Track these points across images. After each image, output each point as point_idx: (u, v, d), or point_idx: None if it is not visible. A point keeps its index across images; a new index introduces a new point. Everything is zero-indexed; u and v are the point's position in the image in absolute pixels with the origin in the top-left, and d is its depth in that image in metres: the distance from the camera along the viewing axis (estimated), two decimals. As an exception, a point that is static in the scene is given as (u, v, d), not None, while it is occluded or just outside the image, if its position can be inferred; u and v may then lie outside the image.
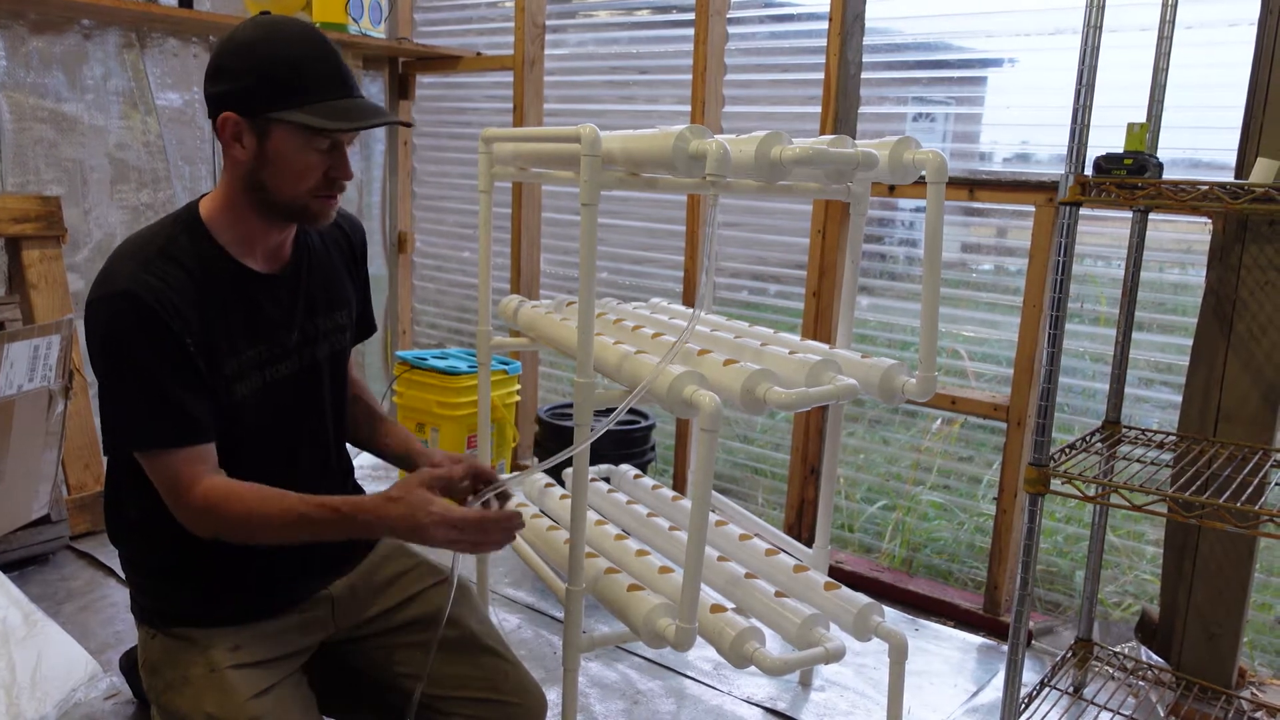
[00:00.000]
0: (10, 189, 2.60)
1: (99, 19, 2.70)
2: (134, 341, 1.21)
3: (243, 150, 1.26)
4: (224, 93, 1.24)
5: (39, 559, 2.42)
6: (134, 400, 1.23)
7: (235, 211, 1.31)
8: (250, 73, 1.23)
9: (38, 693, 1.77)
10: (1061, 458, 1.65)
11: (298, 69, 1.24)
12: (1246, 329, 1.79)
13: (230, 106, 1.24)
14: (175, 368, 1.23)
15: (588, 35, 3.12)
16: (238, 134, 1.25)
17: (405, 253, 3.65)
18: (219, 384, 1.29)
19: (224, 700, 1.25)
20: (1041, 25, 2.21)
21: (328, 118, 1.23)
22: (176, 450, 1.24)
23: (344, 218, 1.54)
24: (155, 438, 1.23)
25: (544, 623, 2.27)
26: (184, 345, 1.23)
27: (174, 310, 1.22)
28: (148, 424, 1.23)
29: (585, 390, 1.50)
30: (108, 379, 1.24)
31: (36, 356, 2.11)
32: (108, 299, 1.22)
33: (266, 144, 1.24)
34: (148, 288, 1.21)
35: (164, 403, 1.23)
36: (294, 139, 1.24)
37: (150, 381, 1.22)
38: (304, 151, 1.25)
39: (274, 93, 1.22)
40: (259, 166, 1.26)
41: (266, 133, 1.24)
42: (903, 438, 2.73)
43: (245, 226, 1.32)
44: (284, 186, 1.27)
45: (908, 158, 1.62)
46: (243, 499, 1.25)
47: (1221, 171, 1.97)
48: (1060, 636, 2.26)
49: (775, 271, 2.77)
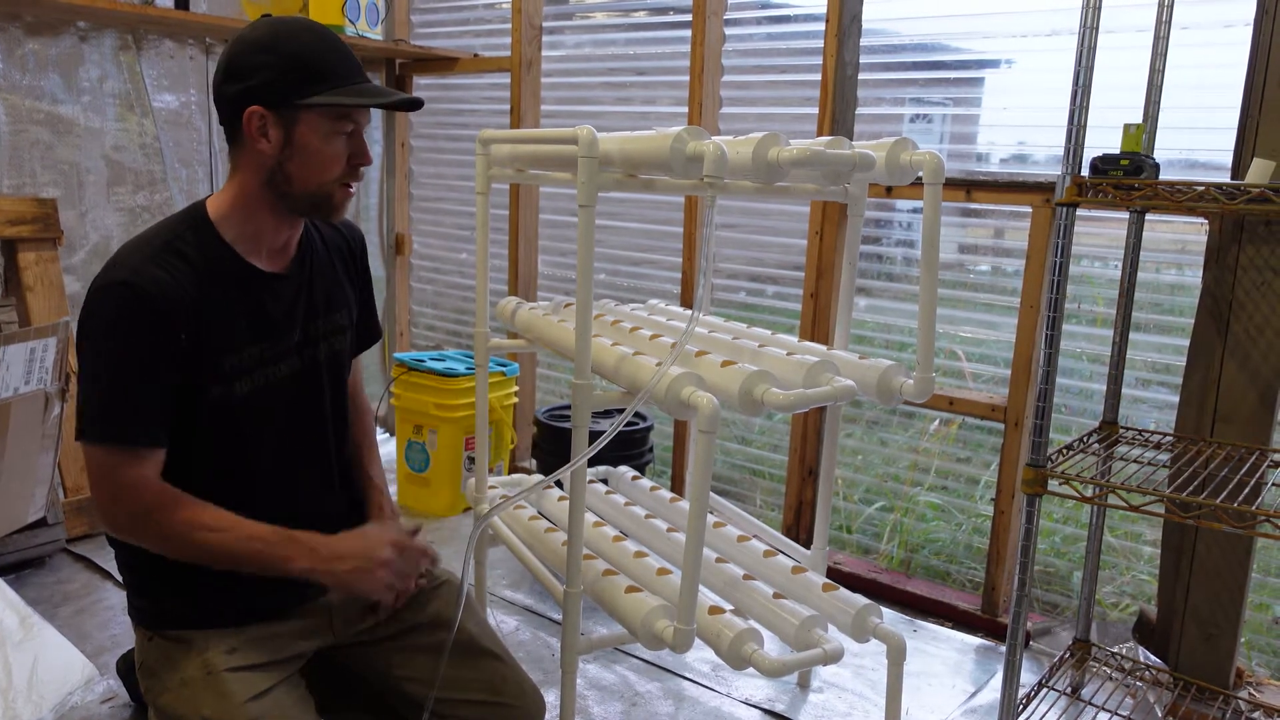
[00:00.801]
0: (6, 191, 2.59)
1: (95, 21, 2.70)
2: (117, 331, 1.23)
3: (268, 144, 1.28)
4: (246, 89, 1.26)
5: (35, 562, 2.41)
6: (93, 389, 1.24)
7: (247, 209, 1.32)
8: (273, 66, 1.26)
9: (34, 696, 1.77)
10: (1059, 458, 1.65)
11: (319, 57, 1.27)
12: (1243, 330, 1.80)
13: (255, 101, 1.26)
14: (151, 365, 1.24)
15: (585, 37, 3.12)
16: (263, 128, 1.27)
17: (403, 255, 3.65)
18: (217, 380, 1.29)
19: (221, 703, 1.25)
20: (1038, 26, 2.21)
21: (356, 98, 1.28)
22: (117, 447, 1.24)
23: (343, 224, 1.55)
24: (102, 431, 1.24)
25: (542, 625, 2.27)
26: (175, 339, 1.24)
27: (172, 302, 1.23)
28: (99, 415, 1.24)
29: (583, 392, 1.50)
30: (83, 365, 1.26)
31: (33, 359, 2.10)
32: (108, 286, 1.24)
33: (294, 134, 1.27)
34: (148, 278, 1.23)
35: (123, 399, 1.23)
36: (321, 126, 1.28)
37: (116, 375, 1.23)
38: (331, 138, 1.29)
39: (301, 81, 1.26)
40: (286, 158, 1.28)
41: (294, 122, 1.27)
42: (900, 439, 2.73)
43: (255, 224, 1.33)
44: (311, 176, 1.30)
45: (905, 159, 1.62)
46: (189, 508, 1.27)
47: (1218, 172, 1.98)
48: (1058, 637, 2.26)
49: (773, 273, 2.77)
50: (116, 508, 1.27)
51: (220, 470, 1.34)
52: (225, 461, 1.34)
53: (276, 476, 1.39)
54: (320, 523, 1.45)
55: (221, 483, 1.35)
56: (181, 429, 1.30)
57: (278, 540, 1.27)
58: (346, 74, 1.30)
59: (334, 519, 1.49)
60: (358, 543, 1.30)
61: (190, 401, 1.29)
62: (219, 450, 1.33)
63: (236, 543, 1.26)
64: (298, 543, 1.28)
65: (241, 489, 1.36)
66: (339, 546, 1.29)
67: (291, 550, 1.27)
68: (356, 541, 1.30)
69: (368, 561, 1.27)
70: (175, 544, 1.27)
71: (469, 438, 2.86)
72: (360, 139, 1.34)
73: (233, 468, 1.35)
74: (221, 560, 1.27)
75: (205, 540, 1.26)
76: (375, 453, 1.62)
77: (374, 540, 1.30)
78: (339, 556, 1.28)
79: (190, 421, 1.30)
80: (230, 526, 1.27)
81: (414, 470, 2.95)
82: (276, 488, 1.40)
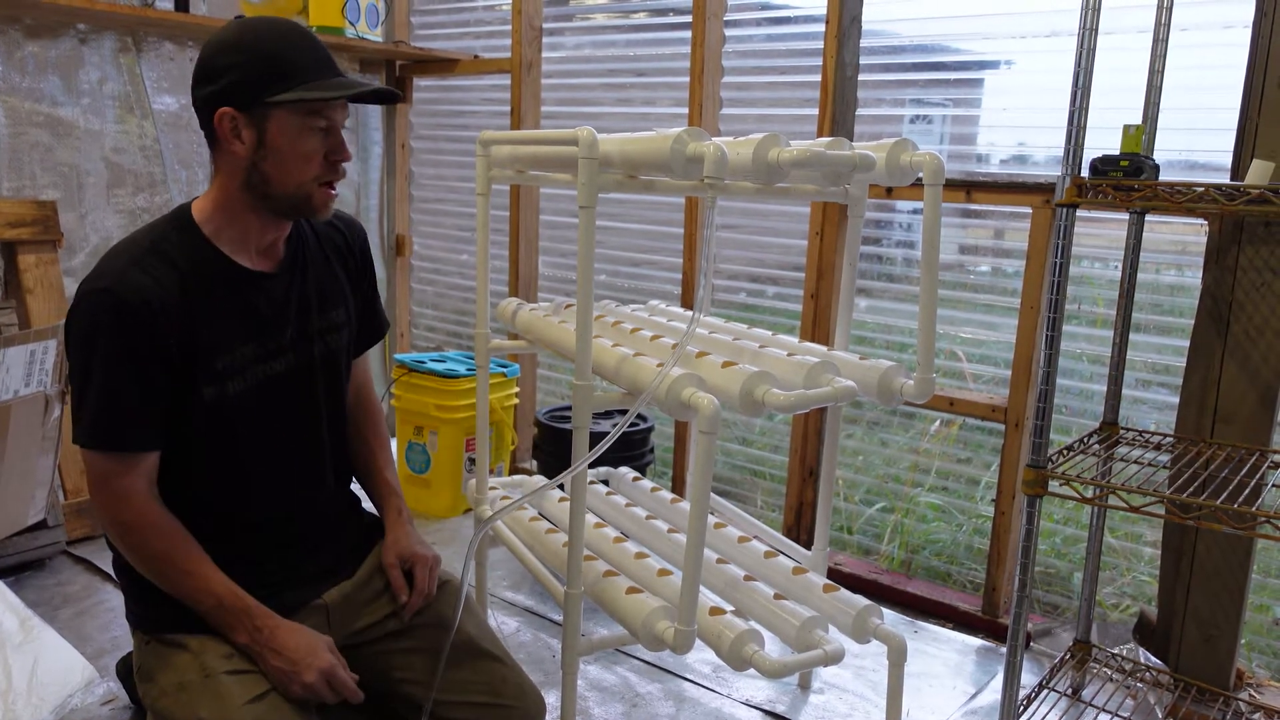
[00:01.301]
0: (6, 193, 2.60)
1: (94, 23, 2.70)
2: (104, 338, 1.24)
3: (241, 145, 1.27)
4: (216, 91, 1.26)
5: (35, 564, 2.41)
6: (84, 394, 1.26)
7: (230, 210, 1.32)
8: (240, 66, 1.25)
9: (34, 699, 1.76)
10: (1059, 459, 1.65)
11: (286, 54, 1.26)
12: (1243, 330, 1.80)
13: (225, 102, 1.26)
14: (139, 370, 1.25)
15: (585, 38, 3.12)
16: (235, 129, 1.27)
17: (403, 256, 3.65)
18: (209, 380, 1.29)
19: (218, 706, 1.25)
20: (1038, 27, 2.21)
21: (323, 92, 1.27)
22: (105, 453, 1.27)
23: (341, 219, 1.55)
24: (93, 437, 1.26)
25: (543, 626, 2.27)
26: (161, 342, 1.25)
27: (157, 307, 1.24)
28: (90, 421, 1.26)
29: (584, 393, 1.50)
30: (73, 372, 1.27)
31: (33, 361, 2.10)
32: (90, 293, 1.25)
33: (266, 133, 1.27)
34: (132, 284, 1.23)
35: (111, 404, 1.25)
36: (292, 123, 1.27)
37: (106, 380, 1.25)
38: (303, 135, 1.28)
39: (267, 79, 1.25)
40: (260, 159, 1.28)
41: (265, 121, 1.26)
42: (901, 439, 2.73)
43: (240, 225, 1.33)
44: (287, 176, 1.29)
45: (905, 160, 1.62)
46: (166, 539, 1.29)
47: (1217, 173, 1.98)
48: (1058, 638, 2.26)
49: (773, 273, 2.77)
50: (104, 514, 1.30)
51: (215, 468, 1.35)
52: (220, 460, 1.35)
53: (271, 474, 1.40)
54: (314, 521, 1.45)
55: (216, 481, 1.35)
56: (176, 430, 1.30)
57: (229, 608, 1.29)
58: (316, 69, 1.28)
59: (330, 518, 1.49)
60: (299, 648, 1.28)
61: (184, 402, 1.29)
62: (213, 449, 1.34)
63: (194, 591, 1.29)
64: (247, 616, 1.29)
65: (236, 487, 1.37)
66: (281, 639, 1.29)
67: (236, 622, 1.29)
68: (300, 645, 1.29)
69: (295, 669, 1.27)
70: (143, 566, 1.31)
71: (470, 439, 2.85)
72: (337, 135, 1.32)
73: (227, 466, 1.35)
74: (176, 595, 1.30)
75: (168, 575, 1.30)
76: (389, 454, 1.62)
77: (314, 654, 1.29)
78: (274, 650, 1.28)
79: (184, 422, 1.30)
80: (196, 573, 1.29)
81: (415, 471, 2.95)
82: (271, 486, 1.40)
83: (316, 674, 1.27)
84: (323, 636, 1.33)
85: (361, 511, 1.58)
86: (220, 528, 1.35)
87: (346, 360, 1.53)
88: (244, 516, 1.38)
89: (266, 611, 1.31)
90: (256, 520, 1.39)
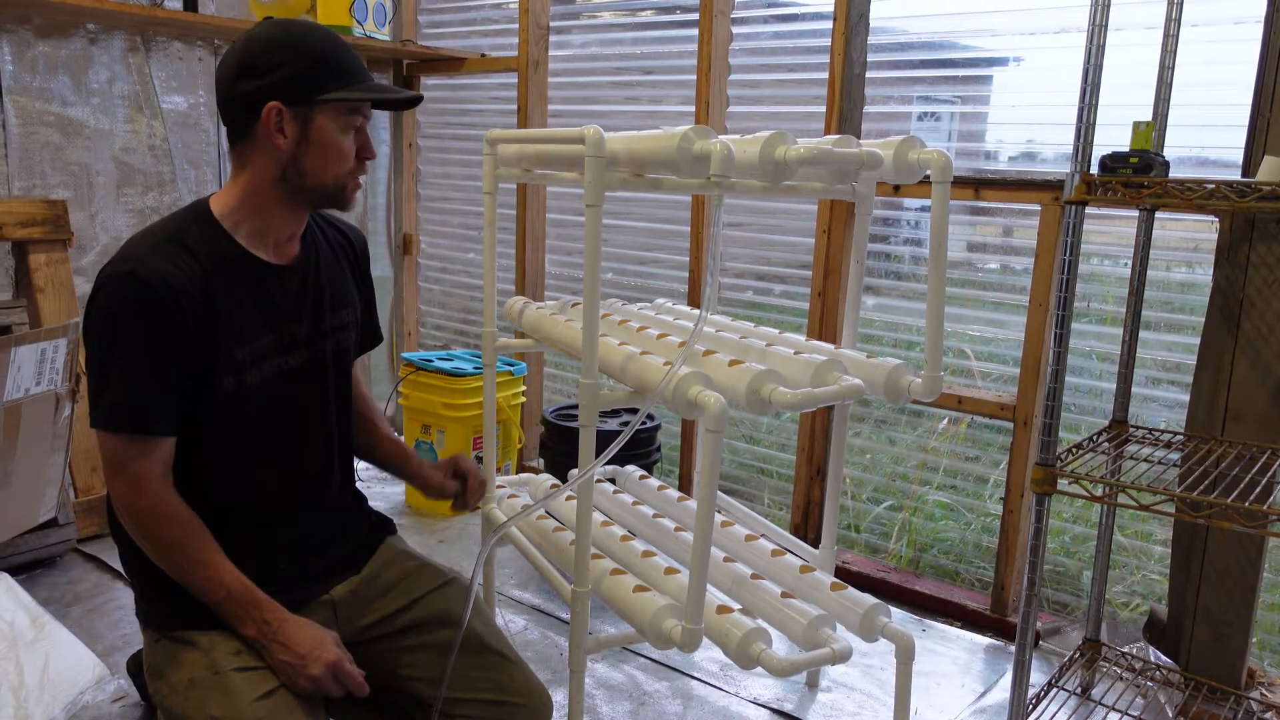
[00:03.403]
0: (17, 193, 2.61)
1: (104, 23, 2.71)
2: (125, 321, 1.24)
3: (284, 139, 1.30)
4: (265, 85, 1.29)
5: (46, 562, 2.42)
6: (104, 378, 1.26)
7: (255, 204, 1.34)
8: (291, 63, 1.29)
9: (45, 696, 1.78)
10: (1069, 457, 1.64)
11: (333, 55, 1.32)
12: (1254, 328, 1.79)
13: (274, 96, 1.29)
14: (160, 354, 1.26)
15: (592, 36, 3.12)
16: (280, 123, 1.30)
17: (410, 255, 3.66)
18: (229, 370, 1.30)
19: (228, 703, 1.25)
20: (1047, 24, 2.20)
21: (372, 94, 1.34)
22: (124, 435, 1.27)
23: (345, 225, 1.57)
24: (113, 419, 1.26)
25: (550, 624, 2.27)
26: (182, 329, 1.26)
27: (180, 292, 1.25)
28: (111, 403, 1.26)
29: (590, 391, 1.50)
30: (92, 356, 1.27)
31: (43, 360, 2.11)
32: (114, 276, 1.26)
33: (310, 129, 1.31)
34: (156, 269, 1.25)
35: (132, 385, 1.26)
36: (336, 121, 1.32)
37: (127, 364, 1.25)
38: (344, 132, 1.34)
39: (320, 77, 1.30)
40: (301, 153, 1.31)
41: (310, 118, 1.30)
42: (909, 438, 2.72)
43: (264, 219, 1.35)
44: (326, 169, 1.33)
45: (913, 157, 1.61)
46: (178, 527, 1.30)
47: (1228, 170, 1.96)
48: (1068, 637, 2.25)
49: (780, 271, 2.76)
50: (119, 500, 1.30)
51: (225, 463, 1.35)
52: (230, 454, 1.35)
53: (279, 468, 1.40)
54: (322, 517, 1.46)
55: (225, 475, 1.36)
56: (190, 418, 1.31)
57: (239, 600, 1.30)
58: (358, 72, 1.35)
59: (337, 514, 1.49)
60: (306, 641, 1.29)
61: (201, 393, 1.30)
62: (224, 442, 1.34)
63: (205, 581, 1.29)
64: (256, 609, 1.30)
65: (245, 482, 1.37)
66: (288, 633, 1.29)
67: (245, 614, 1.30)
68: (307, 639, 1.29)
69: (302, 662, 1.27)
70: (155, 554, 1.31)
71: (477, 437, 2.86)
72: (365, 134, 1.38)
73: (237, 460, 1.36)
74: (186, 584, 1.30)
75: (180, 564, 1.29)
76: (384, 427, 1.67)
77: (321, 647, 1.29)
78: (281, 643, 1.28)
79: (199, 413, 1.31)
80: (208, 563, 1.29)
81: (422, 470, 2.95)
82: (279, 481, 1.40)
83: (323, 667, 1.28)
84: (330, 631, 1.33)
85: (367, 508, 1.58)
86: (228, 523, 1.36)
87: (351, 361, 1.54)
88: (252, 512, 1.39)
89: (275, 605, 1.31)
90: (264, 516, 1.40)
